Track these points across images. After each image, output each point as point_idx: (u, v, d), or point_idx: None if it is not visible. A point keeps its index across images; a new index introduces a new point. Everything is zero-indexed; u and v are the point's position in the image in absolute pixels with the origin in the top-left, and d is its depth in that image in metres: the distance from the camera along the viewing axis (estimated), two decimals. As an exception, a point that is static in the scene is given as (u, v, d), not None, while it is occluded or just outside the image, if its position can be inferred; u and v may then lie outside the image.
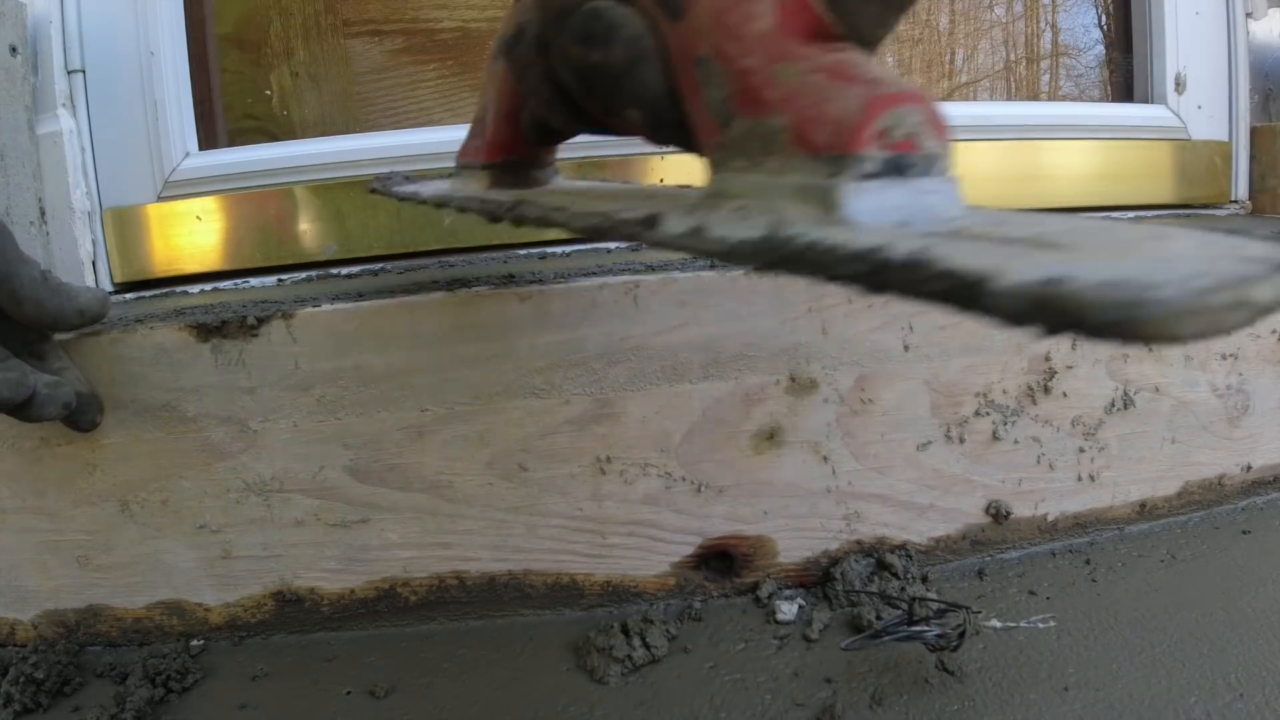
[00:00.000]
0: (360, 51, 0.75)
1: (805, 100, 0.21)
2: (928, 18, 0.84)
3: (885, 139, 0.20)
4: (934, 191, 0.21)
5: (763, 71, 0.22)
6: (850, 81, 0.21)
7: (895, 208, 0.20)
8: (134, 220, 0.65)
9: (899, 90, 0.21)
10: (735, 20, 0.23)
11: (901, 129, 0.20)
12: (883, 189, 0.20)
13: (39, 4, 0.60)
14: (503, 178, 0.36)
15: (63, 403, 0.40)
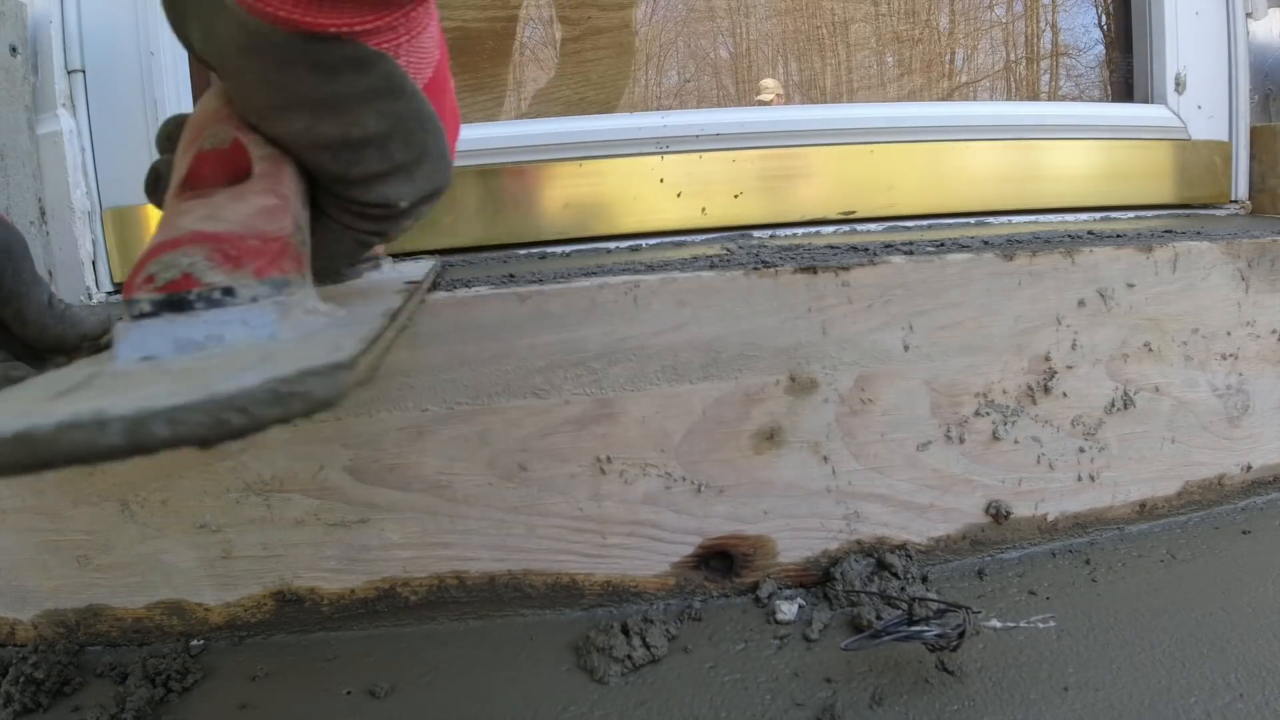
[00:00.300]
0: (360, 51, 0.75)
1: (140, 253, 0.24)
2: (928, 18, 0.85)
3: (154, 282, 0.22)
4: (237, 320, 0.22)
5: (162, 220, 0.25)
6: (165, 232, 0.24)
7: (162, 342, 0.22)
8: (134, 220, 0.65)
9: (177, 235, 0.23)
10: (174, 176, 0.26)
11: (172, 270, 0.22)
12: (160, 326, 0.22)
13: (39, 4, 0.60)
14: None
15: None
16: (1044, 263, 0.50)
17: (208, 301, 0.22)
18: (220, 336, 0.22)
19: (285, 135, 0.27)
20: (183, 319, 0.22)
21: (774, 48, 0.82)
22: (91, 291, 0.63)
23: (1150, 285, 0.52)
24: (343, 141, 0.27)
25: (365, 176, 0.28)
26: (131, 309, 0.22)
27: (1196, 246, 0.52)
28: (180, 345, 0.22)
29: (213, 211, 0.24)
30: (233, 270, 0.23)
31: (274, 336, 0.22)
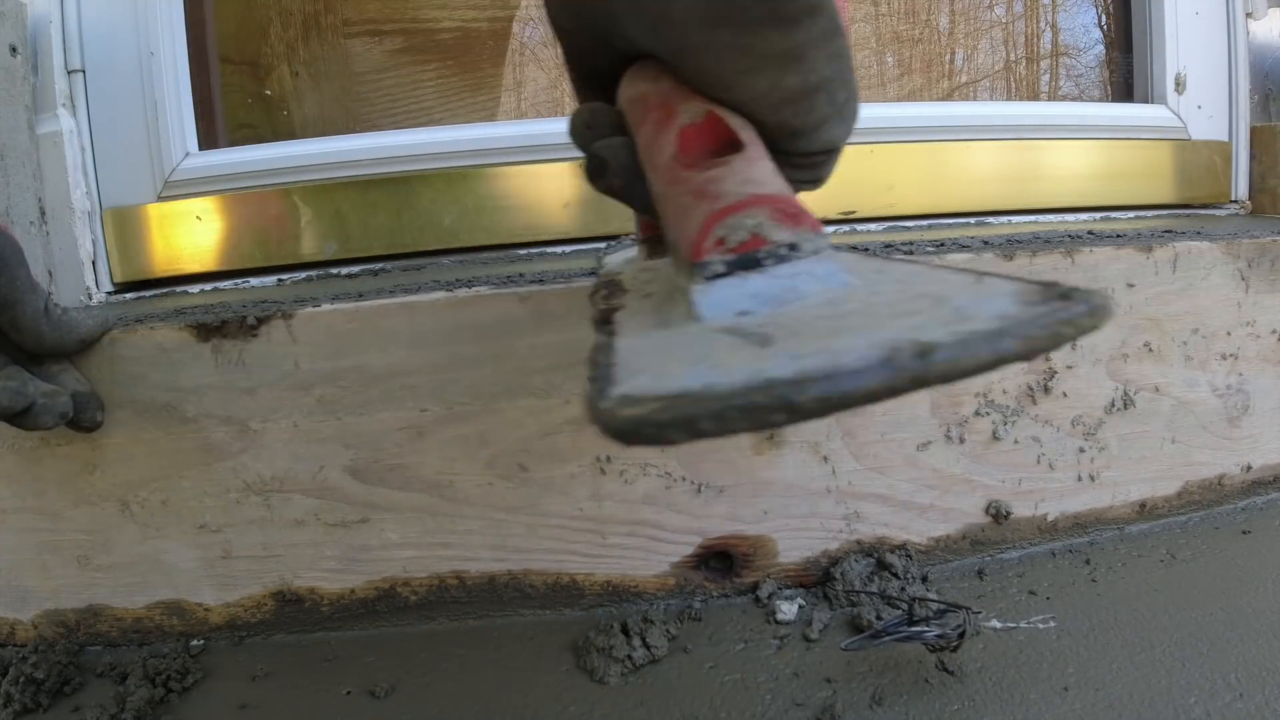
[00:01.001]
0: (360, 51, 0.75)
1: (677, 219, 0.26)
2: (928, 18, 0.85)
3: (725, 244, 0.24)
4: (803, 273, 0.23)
5: (664, 195, 0.27)
6: (702, 200, 0.25)
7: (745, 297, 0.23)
8: (134, 220, 0.65)
9: (737, 200, 0.24)
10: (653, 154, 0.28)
11: (740, 232, 0.24)
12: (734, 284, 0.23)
13: (39, 4, 0.61)
14: (655, 248, 0.41)
15: (59, 413, 0.41)
16: (1044, 263, 0.50)
17: (776, 258, 0.23)
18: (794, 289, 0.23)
19: (749, 98, 0.28)
20: (754, 276, 0.23)
21: (774, 48, 0.82)
22: (91, 292, 0.63)
23: (1150, 285, 0.52)
24: (802, 91, 0.28)
25: (815, 124, 0.29)
26: (704, 271, 0.23)
27: (1196, 246, 0.52)
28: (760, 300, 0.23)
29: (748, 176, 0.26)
30: (794, 227, 0.24)
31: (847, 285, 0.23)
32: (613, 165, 0.30)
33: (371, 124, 0.75)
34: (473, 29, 0.79)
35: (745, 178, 0.25)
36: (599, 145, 0.31)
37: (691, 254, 0.24)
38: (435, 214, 0.67)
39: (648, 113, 0.29)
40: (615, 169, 0.30)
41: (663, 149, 0.27)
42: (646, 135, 0.28)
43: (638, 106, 0.29)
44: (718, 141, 0.27)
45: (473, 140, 0.68)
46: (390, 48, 0.75)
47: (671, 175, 0.27)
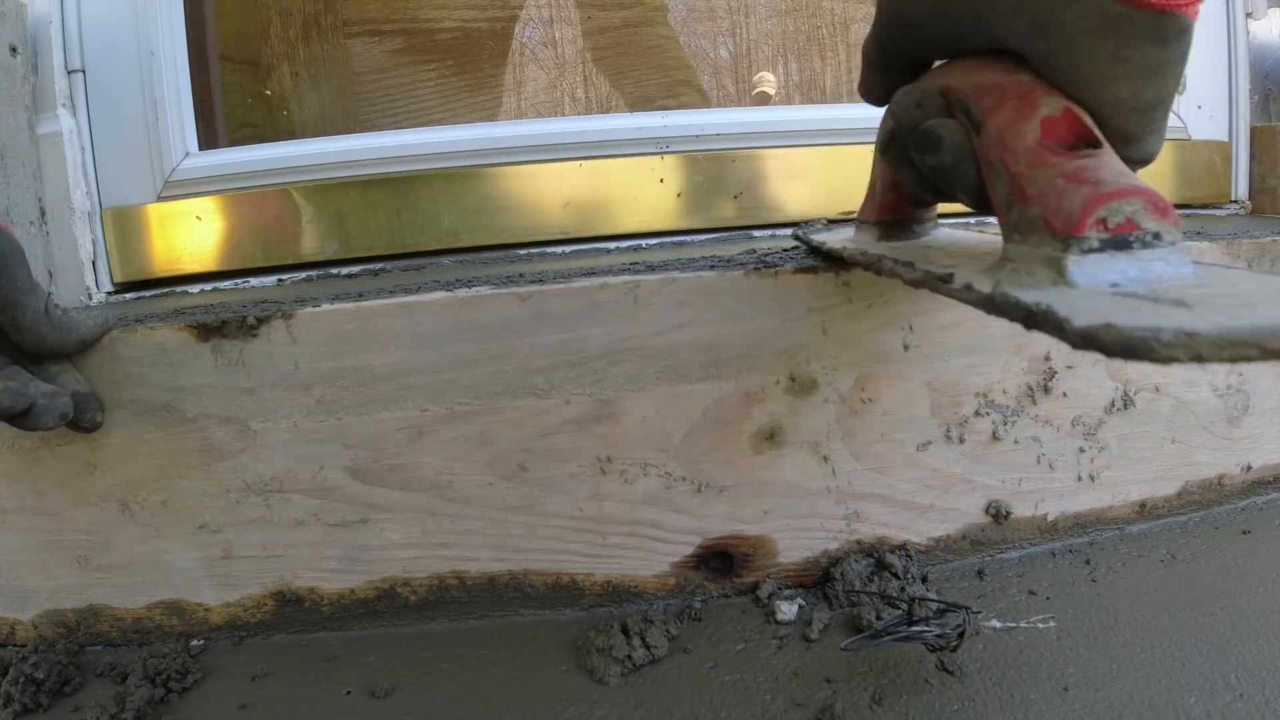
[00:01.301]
0: (360, 51, 0.75)
1: (1050, 197, 0.29)
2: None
3: (1105, 225, 0.27)
4: (1159, 259, 0.27)
5: (1028, 175, 0.30)
6: (1081, 183, 0.28)
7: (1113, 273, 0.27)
8: (134, 220, 0.65)
9: (1118, 188, 0.28)
10: (1011, 137, 0.31)
11: (1119, 215, 0.27)
12: (1103, 260, 0.27)
13: (39, 4, 0.61)
14: (890, 230, 0.45)
15: (60, 414, 0.41)
16: (1044, 263, 0.50)
17: (1143, 243, 0.27)
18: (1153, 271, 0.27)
19: (1109, 102, 0.31)
20: (1121, 255, 0.27)
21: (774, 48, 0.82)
22: (91, 291, 0.63)
23: (1150, 285, 0.52)
24: (1153, 102, 0.31)
25: (1148, 133, 0.33)
26: (1081, 244, 0.27)
27: (1196, 247, 0.52)
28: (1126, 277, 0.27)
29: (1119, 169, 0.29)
30: (1161, 219, 0.27)
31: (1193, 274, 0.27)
32: (948, 143, 0.33)
33: (371, 124, 0.75)
34: (473, 29, 0.79)
35: (1117, 170, 0.29)
36: (934, 123, 0.34)
37: (1072, 228, 0.27)
38: (435, 214, 0.67)
39: (1004, 100, 0.32)
40: (950, 146, 0.33)
41: (1024, 134, 0.31)
42: (1003, 119, 0.31)
43: (990, 93, 0.32)
44: (1074, 135, 0.30)
45: (473, 140, 0.68)
46: (390, 48, 0.75)
47: (1037, 157, 0.30)
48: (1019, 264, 0.30)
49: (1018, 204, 0.30)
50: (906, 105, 0.35)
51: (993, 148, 0.32)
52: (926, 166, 0.34)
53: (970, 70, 0.34)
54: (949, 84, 0.34)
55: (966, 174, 0.33)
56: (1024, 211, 0.30)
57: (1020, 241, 0.30)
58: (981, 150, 0.32)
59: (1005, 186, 0.31)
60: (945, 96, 0.34)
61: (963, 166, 0.33)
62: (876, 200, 0.45)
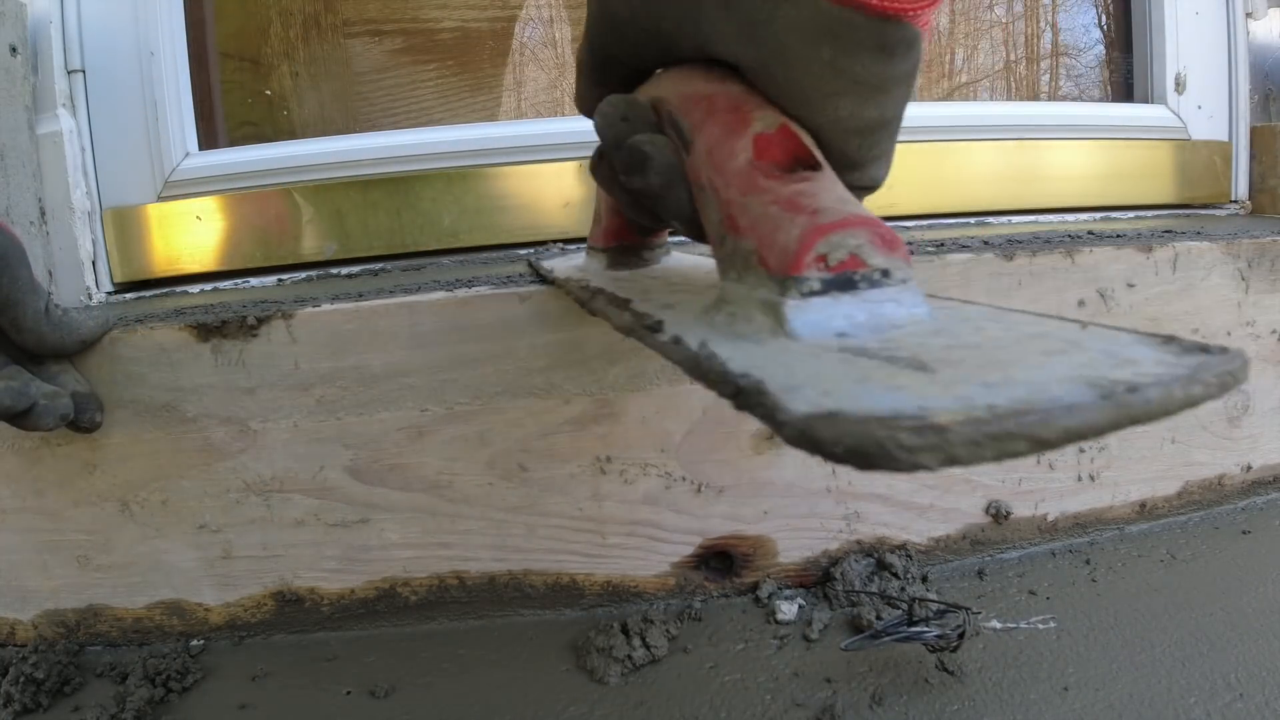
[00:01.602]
0: (360, 51, 0.75)
1: (764, 228, 0.25)
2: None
3: (825, 261, 0.23)
4: (890, 300, 0.23)
5: (739, 201, 0.26)
6: (798, 212, 0.24)
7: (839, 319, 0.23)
8: (134, 220, 0.65)
9: (840, 218, 0.23)
10: (720, 157, 0.27)
11: (841, 251, 0.23)
12: (826, 304, 0.23)
13: (39, 4, 0.60)
14: (618, 258, 0.41)
15: (60, 414, 0.41)
16: (1044, 263, 0.50)
17: (870, 282, 0.23)
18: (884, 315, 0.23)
19: (827, 121, 0.28)
20: (846, 297, 0.23)
21: (774, 48, 0.82)
22: (91, 292, 0.63)
23: (1150, 285, 0.52)
24: (876, 124, 0.28)
25: (872, 159, 0.30)
26: (800, 286, 0.23)
27: (1196, 246, 0.52)
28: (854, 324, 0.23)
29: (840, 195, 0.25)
30: (889, 253, 0.24)
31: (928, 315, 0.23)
32: (655, 163, 0.29)
33: (371, 124, 0.75)
34: (473, 29, 0.79)
35: (838, 195, 0.25)
36: (640, 139, 0.29)
37: (788, 267, 0.23)
38: (435, 214, 0.67)
39: (713, 114, 0.28)
40: (657, 167, 0.29)
41: (734, 153, 0.27)
42: (711, 136, 0.28)
43: (699, 106, 0.28)
44: (790, 155, 0.27)
45: (473, 140, 0.68)
46: (390, 48, 0.75)
47: (748, 181, 0.26)
48: (736, 307, 0.25)
49: (730, 235, 0.26)
50: (611, 119, 0.31)
51: (702, 168, 0.28)
52: (633, 189, 0.30)
53: (681, 79, 0.30)
54: (660, 95, 0.30)
55: (678, 198, 0.29)
56: (737, 244, 0.26)
57: (736, 280, 0.26)
58: (691, 171, 0.28)
59: (716, 214, 0.27)
60: (656, 110, 0.30)
61: (673, 190, 0.29)
62: (602, 225, 0.41)
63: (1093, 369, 0.17)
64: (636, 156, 0.29)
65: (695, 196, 0.29)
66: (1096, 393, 0.15)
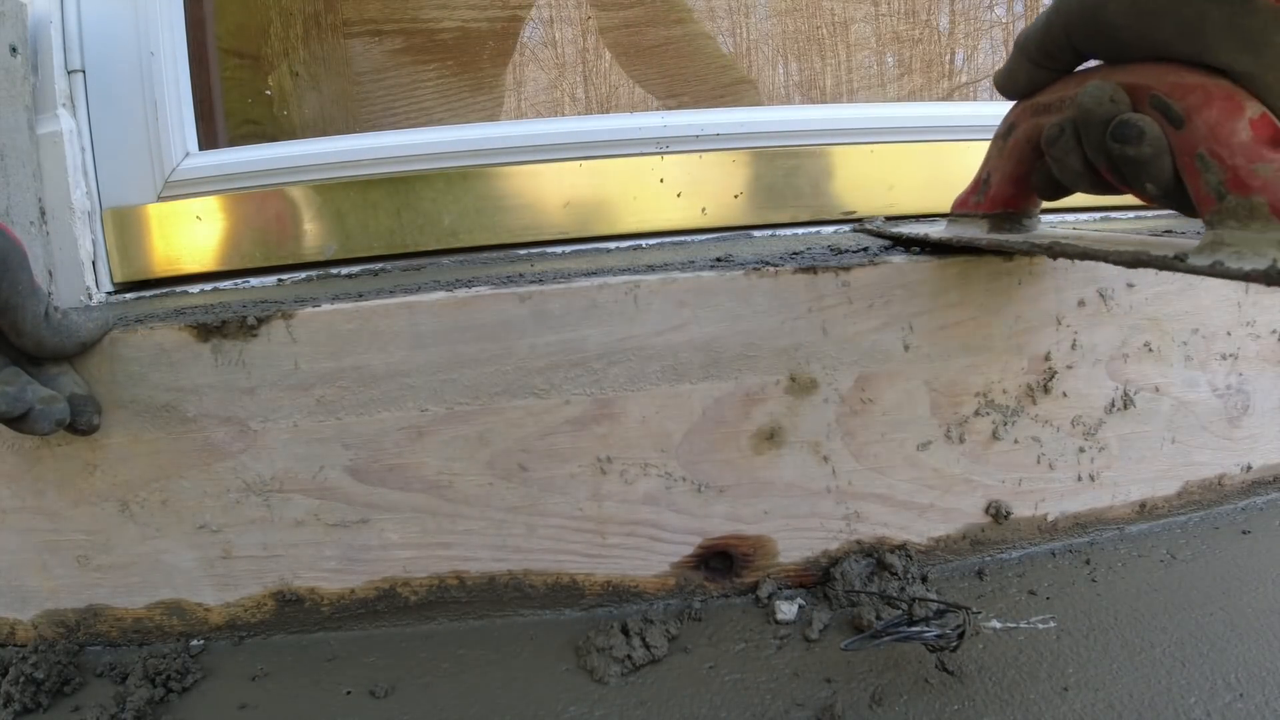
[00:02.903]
0: (360, 51, 0.75)
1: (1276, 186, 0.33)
2: (928, 18, 0.85)
3: None
4: None
5: (1246, 167, 0.33)
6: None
7: None
8: (134, 220, 0.65)
9: None
10: (1224, 133, 0.34)
11: None
12: None
13: (39, 4, 0.60)
14: (1001, 223, 0.47)
15: (56, 419, 0.41)
16: (1044, 263, 0.50)
17: None
18: None
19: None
20: None
21: (774, 48, 0.82)
22: (91, 292, 0.63)
23: (1150, 285, 0.52)
24: None
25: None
26: None
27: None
28: None
29: None
30: None
31: None
32: (1149, 135, 0.35)
33: (371, 124, 0.75)
34: (473, 29, 0.79)
35: None
36: (1136, 116, 0.36)
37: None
38: (435, 214, 0.67)
39: (1211, 99, 0.35)
40: (1150, 139, 0.35)
41: (1236, 130, 0.34)
42: (1212, 116, 0.34)
43: (1194, 92, 0.35)
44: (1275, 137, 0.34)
45: (473, 140, 0.68)
46: (390, 48, 0.75)
47: (1254, 151, 0.33)
48: (1240, 248, 0.33)
49: (1234, 193, 0.34)
50: (1100, 99, 0.38)
51: (1201, 140, 0.35)
52: (1124, 157, 0.37)
53: (1164, 71, 0.36)
54: (1137, 82, 0.37)
55: (1162, 166, 0.36)
56: (1245, 200, 0.33)
57: (1238, 227, 0.34)
58: (1183, 143, 0.35)
59: (1217, 176, 0.34)
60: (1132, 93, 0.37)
61: (1160, 159, 0.36)
62: (990, 193, 0.47)
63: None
64: (1134, 130, 0.36)
65: (1181, 164, 0.35)
66: None
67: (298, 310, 0.45)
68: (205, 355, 0.45)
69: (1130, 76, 0.38)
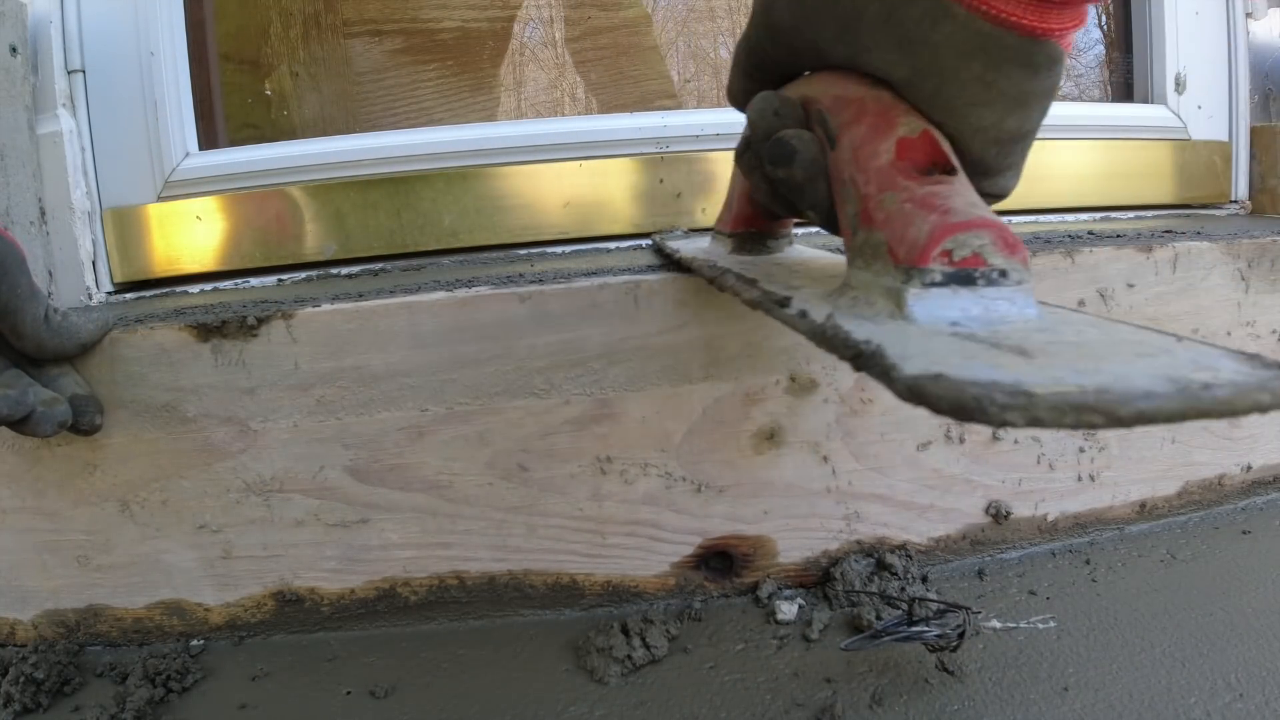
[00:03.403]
0: (360, 51, 0.75)
1: (897, 223, 0.27)
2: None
3: (950, 257, 0.26)
4: (1004, 299, 0.25)
5: (876, 196, 0.29)
6: (931, 210, 0.27)
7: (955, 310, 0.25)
8: (134, 220, 0.65)
9: (968, 219, 0.26)
10: (865, 155, 0.29)
11: (965, 249, 0.26)
12: (945, 295, 0.25)
13: (39, 4, 0.60)
14: (744, 244, 0.44)
15: (58, 421, 0.41)
16: (1044, 263, 0.50)
17: (988, 280, 0.26)
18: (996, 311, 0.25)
19: (969, 130, 0.30)
20: (965, 291, 0.25)
21: (774, 48, 0.82)
22: (91, 292, 0.63)
23: (1150, 285, 0.52)
24: (1015, 135, 0.30)
25: (1006, 168, 0.32)
26: (924, 277, 0.25)
27: (1196, 246, 0.52)
28: (968, 316, 0.25)
29: (971, 199, 0.28)
30: (1009, 256, 0.26)
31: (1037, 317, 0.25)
32: (801, 156, 0.31)
33: (371, 124, 0.74)
34: (473, 29, 0.79)
35: (969, 200, 0.28)
36: (789, 134, 0.32)
37: (915, 259, 0.26)
38: (435, 214, 0.67)
39: (862, 115, 0.30)
40: (802, 160, 0.31)
41: (878, 152, 0.29)
42: (858, 135, 0.30)
43: (849, 107, 0.31)
44: (929, 159, 0.29)
45: (473, 140, 0.68)
46: (390, 48, 0.75)
47: (888, 179, 0.29)
48: (860, 292, 0.28)
49: (864, 227, 0.29)
50: (764, 112, 0.34)
51: (845, 165, 0.30)
52: (777, 178, 0.33)
53: (832, 81, 0.32)
54: (810, 94, 0.33)
55: (817, 190, 0.32)
56: (869, 235, 0.28)
57: (863, 268, 0.29)
58: (834, 166, 0.31)
59: (853, 207, 0.29)
60: (805, 108, 0.33)
61: (814, 182, 0.32)
62: (733, 211, 0.44)
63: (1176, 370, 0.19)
64: (785, 149, 0.32)
65: (834, 190, 0.31)
66: (1174, 386, 0.17)
67: (298, 310, 0.45)
68: (205, 355, 0.45)
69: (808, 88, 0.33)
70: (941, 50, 0.28)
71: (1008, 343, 0.22)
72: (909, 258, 0.26)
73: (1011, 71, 0.28)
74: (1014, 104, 0.29)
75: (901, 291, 0.26)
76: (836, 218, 0.32)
